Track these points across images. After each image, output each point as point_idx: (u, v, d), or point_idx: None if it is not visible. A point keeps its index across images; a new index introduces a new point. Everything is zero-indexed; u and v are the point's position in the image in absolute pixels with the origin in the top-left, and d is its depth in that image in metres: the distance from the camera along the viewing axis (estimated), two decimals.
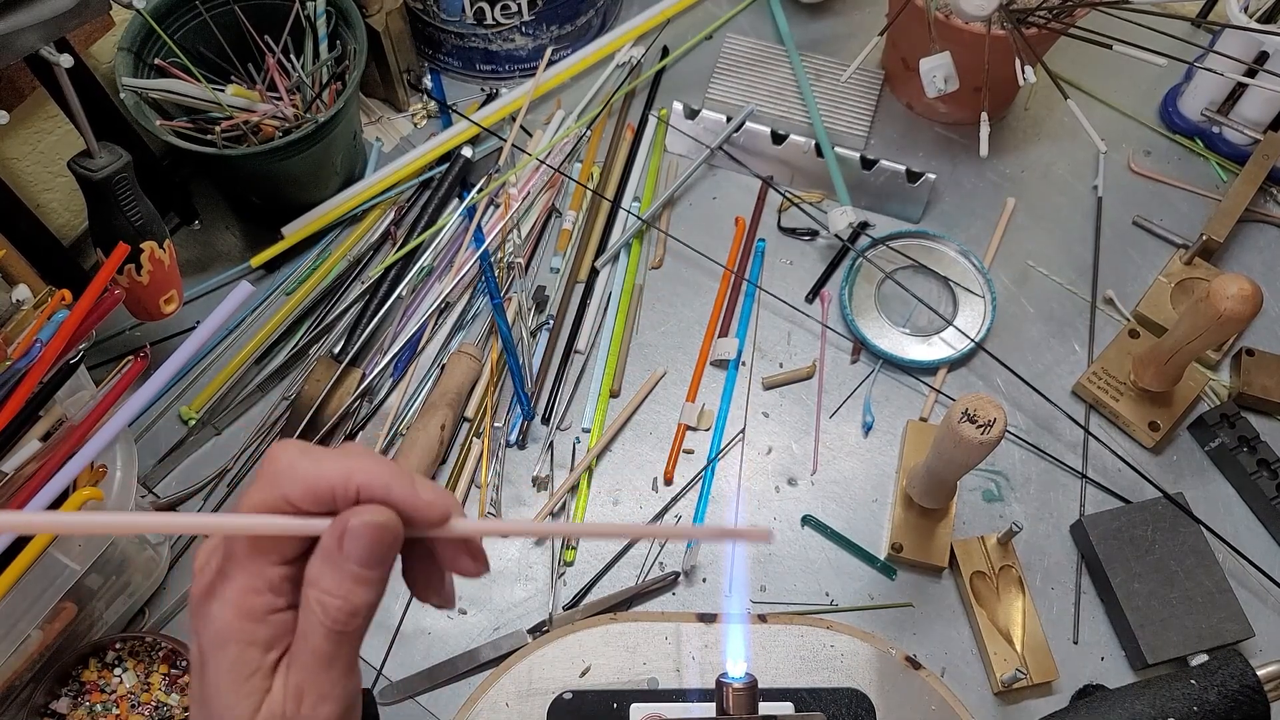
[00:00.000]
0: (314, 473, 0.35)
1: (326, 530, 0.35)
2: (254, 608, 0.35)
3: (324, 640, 0.35)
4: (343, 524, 0.34)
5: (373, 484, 0.35)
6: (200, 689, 0.36)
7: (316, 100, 0.86)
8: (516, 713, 0.68)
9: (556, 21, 0.98)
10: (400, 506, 0.35)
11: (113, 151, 0.70)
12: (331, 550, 0.35)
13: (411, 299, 0.89)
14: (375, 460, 0.36)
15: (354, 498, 0.35)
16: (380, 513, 0.35)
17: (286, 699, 0.35)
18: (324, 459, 0.35)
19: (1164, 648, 0.72)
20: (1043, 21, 0.81)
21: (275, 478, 0.35)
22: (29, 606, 0.60)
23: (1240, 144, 0.95)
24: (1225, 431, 0.81)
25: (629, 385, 0.85)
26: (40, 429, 0.63)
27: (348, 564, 0.34)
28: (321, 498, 0.35)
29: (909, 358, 0.85)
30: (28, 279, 0.74)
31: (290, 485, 0.35)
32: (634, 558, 0.78)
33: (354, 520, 0.34)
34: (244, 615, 0.35)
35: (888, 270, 0.89)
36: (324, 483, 0.35)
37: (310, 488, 0.35)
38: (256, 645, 0.35)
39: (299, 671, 0.35)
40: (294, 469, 0.35)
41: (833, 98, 0.99)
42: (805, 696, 0.68)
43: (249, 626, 0.35)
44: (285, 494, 0.35)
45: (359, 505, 0.35)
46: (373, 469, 0.35)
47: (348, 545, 0.34)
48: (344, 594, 0.35)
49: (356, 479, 0.35)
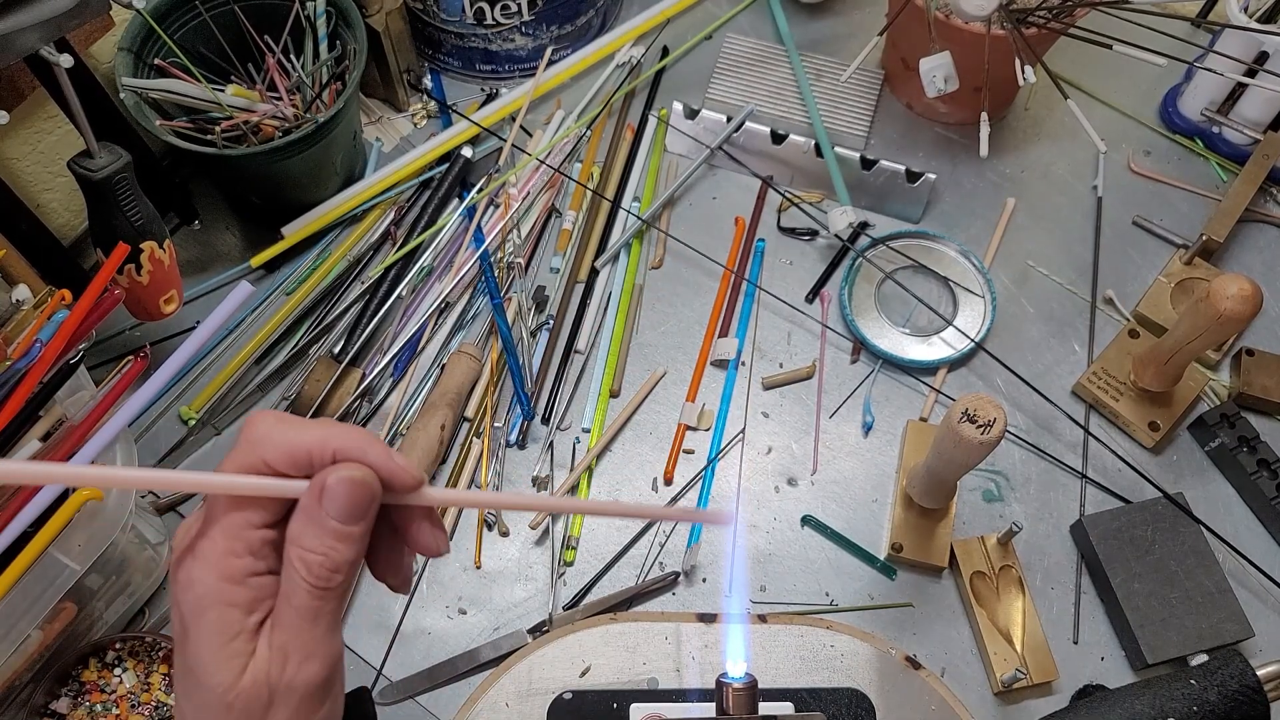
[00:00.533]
0: (291, 437, 0.36)
1: (306, 489, 0.35)
2: (234, 570, 0.36)
3: (307, 597, 0.35)
4: (321, 481, 0.35)
5: (349, 447, 0.36)
6: (183, 660, 0.36)
7: (316, 100, 0.86)
8: (516, 713, 0.68)
9: (556, 21, 0.98)
10: (376, 468, 0.36)
11: (113, 151, 0.70)
12: (312, 507, 0.35)
13: (411, 299, 0.89)
14: (351, 428, 0.37)
15: (330, 461, 0.36)
16: (357, 469, 0.35)
17: (271, 661, 0.36)
18: (301, 425, 0.36)
19: (1164, 648, 0.72)
20: (1043, 21, 0.81)
21: (253, 443, 0.36)
22: (29, 606, 0.60)
23: (1240, 144, 0.95)
24: (1225, 431, 0.81)
25: (629, 385, 0.85)
26: (40, 429, 0.63)
27: (328, 520, 0.35)
28: (299, 462, 0.36)
29: (909, 358, 0.85)
30: (28, 279, 0.74)
31: (268, 449, 0.35)
32: (634, 558, 0.78)
33: (332, 477, 0.35)
34: (224, 577, 0.35)
35: (888, 270, 0.89)
36: (301, 447, 0.35)
37: (288, 452, 0.35)
38: (238, 607, 0.36)
39: (283, 632, 0.36)
40: (271, 434, 0.36)
41: (833, 98, 0.99)
42: (805, 696, 0.68)
43: (230, 589, 0.35)
44: (264, 458, 0.36)
45: (338, 464, 0.35)
46: (349, 434, 0.36)
47: (327, 501, 0.35)
48: (325, 550, 0.35)
49: (333, 443, 0.36)
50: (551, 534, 0.79)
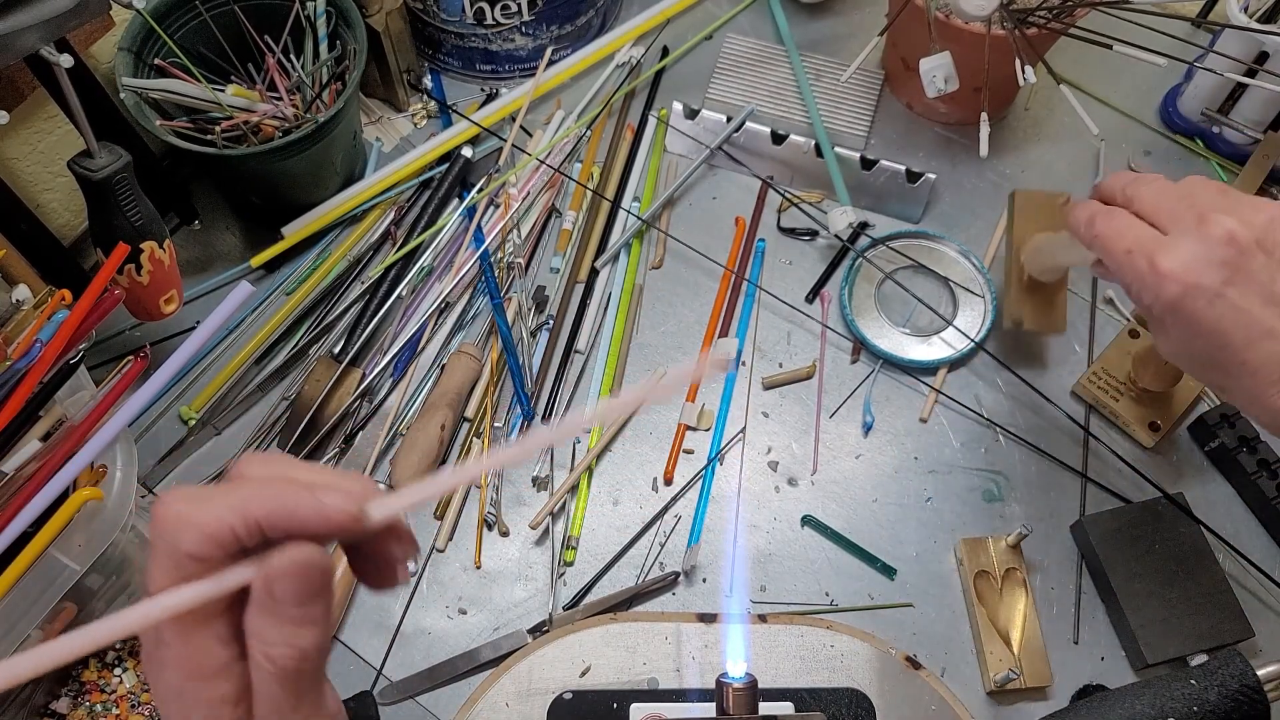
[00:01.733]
0: (207, 518, 0.32)
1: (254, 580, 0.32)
2: (207, 667, 0.33)
3: (281, 690, 0.33)
4: (264, 573, 0.32)
5: (273, 513, 0.32)
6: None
7: (316, 100, 0.86)
8: (516, 713, 0.68)
9: (556, 21, 0.98)
10: (311, 526, 0.33)
11: (113, 151, 0.70)
12: (263, 599, 0.32)
13: (411, 299, 0.89)
14: (266, 482, 0.33)
15: (258, 530, 0.32)
16: (299, 550, 0.32)
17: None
18: (212, 499, 0.32)
19: (1164, 648, 0.72)
20: (1043, 21, 0.81)
21: (168, 536, 0.32)
22: (29, 606, 0.60)
23: (1240, 144, 0.95)
24: (1225, 432, 0.81)
25: (629, 385, 0.85)
26: (40, 429, 0.63)
27: (284, 608, 0.32)
28: (225, 543, 0.32)
29: (909, 358, 0.85)
30: (28, 279, 0.74)
31: (186, 539, 0.32)
32: (634, 558, 0.78)
33: (274, 564, 0.32)
34: (199, 677, 0.33)
35: (887, 270, 0.89)
36: (222, 526, 0.32)
37: (209, 536, 0.32)
38: (226, 703, 0.34)
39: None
40: (182, 520, 0.32)
41: (833, 98, 0.99)
42: (805, 696, 0.68)
43: (205, 685, 0.33)
44: (186, 550, 0.32)
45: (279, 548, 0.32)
46: (266, 495, 0.32)
47: (278, 591, 0.32)
48: (287, 640, 0.33)
49: (253, 512, 0.32)
50: (551, 534, 0.79)
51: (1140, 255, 0.56)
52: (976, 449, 0.83)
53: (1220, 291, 0.54)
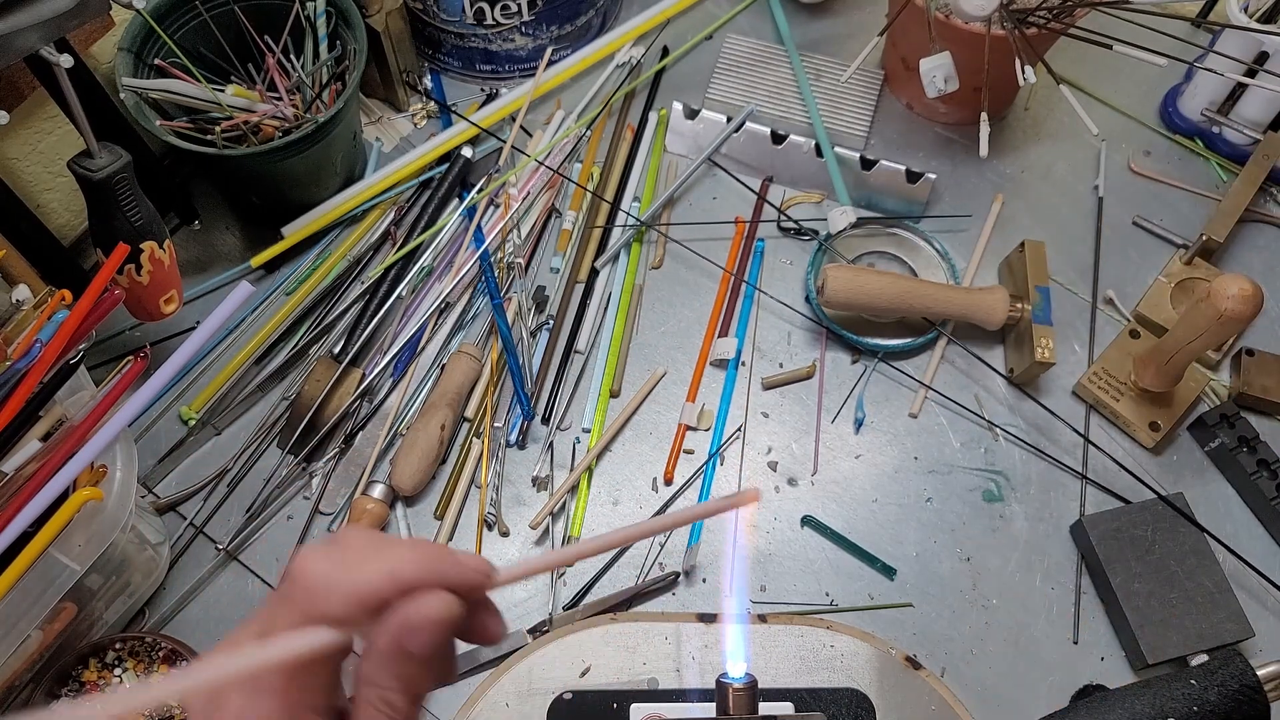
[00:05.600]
0: (361, 584, 0.32)
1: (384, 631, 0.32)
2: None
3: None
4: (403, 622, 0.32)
5: (425, 576, 0.32)
6: None
7: (316, 100, 0.86)
8: (516, 713, 0.68)
9: (556, 21, 0.98)
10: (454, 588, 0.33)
11: (113, 151, 0.70)
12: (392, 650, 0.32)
13: (411, 299, 0.89)
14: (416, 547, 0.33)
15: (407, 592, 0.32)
16: (444, 603, 0.32)
17: None
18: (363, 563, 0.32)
19: (1164, 648, 0.72)
20: (1043, 21, 0.81)
21: (311, 593, 0.32)
22: (29, 606, 0.60)
23: (1240, 144, 0.95)
24: (1225, 432, 0.81)
25: (629, 385, 0.85)
26: (40, 429, 0.63)
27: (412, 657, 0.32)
28: (370, 608, 0.32)
29: (872, 341, 0.86)
30: (28, 279, 0.74)
31: (331, 602, 0.32)
32: (634, 558, 0.78)
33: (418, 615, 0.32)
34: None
35: (849, 258, 0.90)
36: (372, 592, 0.32)
37: (357, 601, 0.32)
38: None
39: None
40: (331, 584, 0.32)
41: (833, 98, 0.99)
42: (805, 696, 0.68)
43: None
44: (326, 613, 0.31)
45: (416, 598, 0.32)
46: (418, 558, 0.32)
47: (412, 642, 0.32)
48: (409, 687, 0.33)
49: (404, 577, 0.32)
50: (551, 534, 0.79)
51: None
52: (976, 449, 0.83)
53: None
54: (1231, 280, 0.70)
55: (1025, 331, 0.82)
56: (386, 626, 0.32)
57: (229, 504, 0.79)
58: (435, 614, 0.32)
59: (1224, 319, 0.70)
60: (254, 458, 0.81)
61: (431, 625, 0.32)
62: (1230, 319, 0.70)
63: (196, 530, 0.78)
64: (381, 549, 0.33)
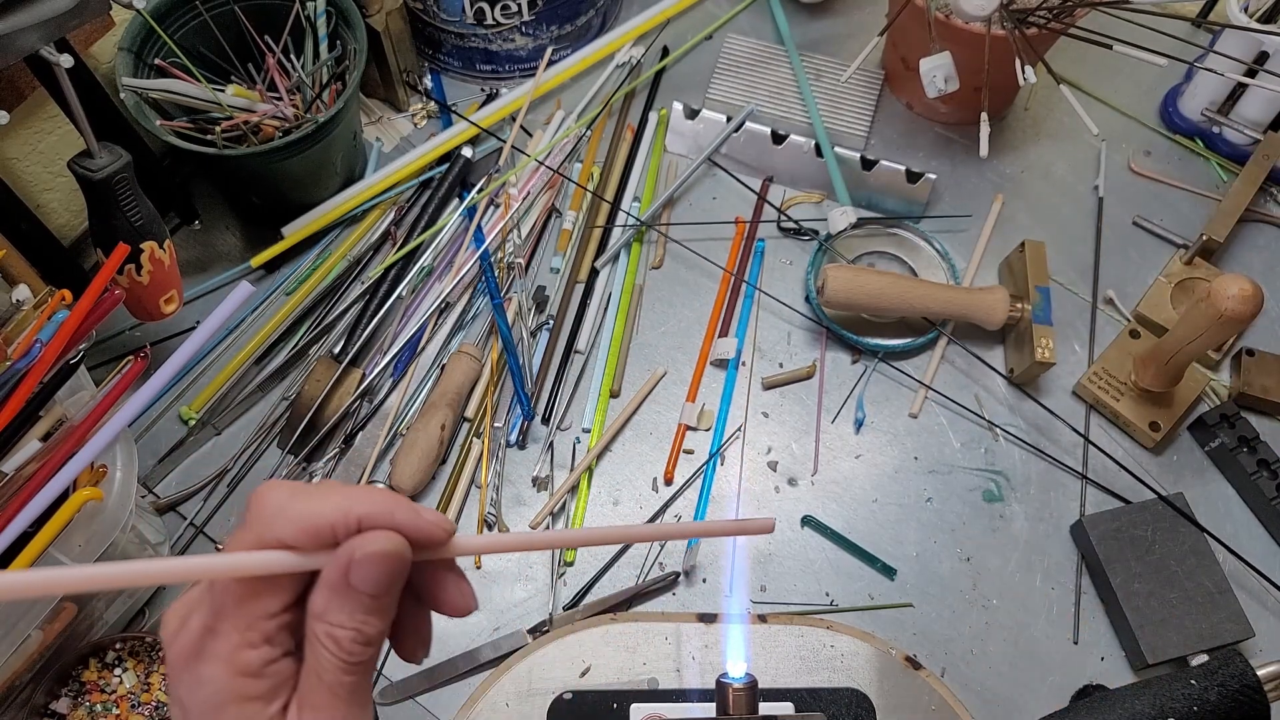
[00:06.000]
0: (310, 510, 0.33)
1: (331, 562, 0.33)
2: (251, 663, 0.33)
3: (339, 673, 0.34)
4: (349, 554, 0.33)
5: (375, 514, 0.33)
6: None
7: (316, 100, 0.86)
8: (516, 713, 0.68)
9: (556, 21, 0.98)
10: (405, 531, 0.34)
11: (113, 151, 0.70)
12: (339, 582, 0.33)
13: (411, 299, 0.89)
14: (372, 490, 0.34)
15: (355, 529, 0.33)
16: (388, 539, 0.33)
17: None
18: (318, 495, 0.33)
19: (1164, 648, 0.72)
20: (1043, 21, 0.81)
21: (266, 520, 0.33)
22: (29, 606, 0.60)
23: (1240, 144, 0.95)
24: (1225, 432, 0.81)
25: (629, 385, 0.85)
26: (40, 429, 0.63)
27: (358, 594, 0.33)
28: (321, 536, 0.33)
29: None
30: (28, 279, 0.74)
31: (283, 527, 0.33)
32: (634, 558, 0.78)
33: (361, 550, 0.33)
34: (242, 672, 0.33)
35: (849, 258, 0.90)
36: (323, 520, 0.33)
37: (308, 528, 0.33)
38: (260, 700, 0.33)
39: (313, 712, 0.34)
40: (286, 509, 0.33)
41: (833, 98, 0.99)
42: (805, 696, 0.68)
43: (248, 683, 0.33)
44: (279, 537, 0.33)
45: (365, 533, 0.33)
46: (373, 498, 0.34)
47: (356, 575, 0.33)
48: (356, 624, 0.33)
49: (356, 510, 0.33)
50: None
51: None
52: (976, 449, 0.83)
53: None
54: (1232, 280, 0.70)
55: (1025, 331, 0.82)
56: (335, 558, 0.33)
57: (229, 504, 0.79)
58: (380, 548, 0.33)
59: (1224, 319, 0.70)
60: (254, 458, 0.81)
61: (376, 559, 0.33)
62: (1230, 319, 0.70)
63: (197, 530, 0.78)
64: (342, 489, 0.34)
